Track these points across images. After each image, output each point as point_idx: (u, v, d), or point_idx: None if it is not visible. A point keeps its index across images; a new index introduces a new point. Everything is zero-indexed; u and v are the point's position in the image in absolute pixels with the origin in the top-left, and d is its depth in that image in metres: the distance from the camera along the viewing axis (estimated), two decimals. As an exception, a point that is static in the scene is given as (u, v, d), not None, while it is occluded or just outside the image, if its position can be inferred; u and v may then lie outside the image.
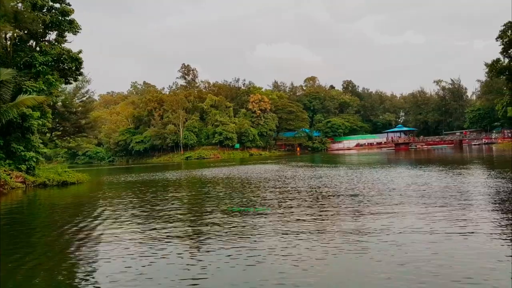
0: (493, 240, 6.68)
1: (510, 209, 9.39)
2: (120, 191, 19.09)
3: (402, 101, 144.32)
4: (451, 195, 11.79)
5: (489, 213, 8.91)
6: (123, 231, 8.98)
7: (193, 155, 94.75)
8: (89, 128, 49.21)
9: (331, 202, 11.74)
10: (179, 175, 29.49)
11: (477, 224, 7.82)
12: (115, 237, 8.43)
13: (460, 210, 9.32)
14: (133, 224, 9.92)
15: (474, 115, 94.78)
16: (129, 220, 10.49)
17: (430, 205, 10.15)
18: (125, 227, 9.47)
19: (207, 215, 10.62)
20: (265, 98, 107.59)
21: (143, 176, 30.91)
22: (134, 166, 67.98)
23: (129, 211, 12.19)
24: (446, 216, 8.69)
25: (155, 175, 30.56)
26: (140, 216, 11.10)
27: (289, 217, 9.64)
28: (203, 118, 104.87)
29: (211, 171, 31.27)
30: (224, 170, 31.77)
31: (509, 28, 49.72)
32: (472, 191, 12.45)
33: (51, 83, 20.80)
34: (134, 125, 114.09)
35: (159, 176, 28.45)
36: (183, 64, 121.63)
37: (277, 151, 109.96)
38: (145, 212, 11.75)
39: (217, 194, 15.27)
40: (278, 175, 22.83)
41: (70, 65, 22.30)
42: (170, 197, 15.17)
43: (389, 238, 7.05)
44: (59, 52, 21.81)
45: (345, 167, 26.85)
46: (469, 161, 30.27)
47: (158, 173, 33.51)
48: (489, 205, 9.91)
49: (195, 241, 7.77)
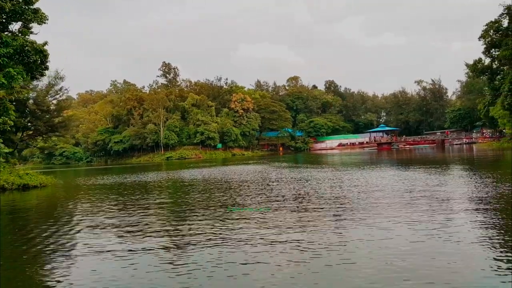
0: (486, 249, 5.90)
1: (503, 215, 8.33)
2: (88, 196, 17.45)
3: (383, 101, 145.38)
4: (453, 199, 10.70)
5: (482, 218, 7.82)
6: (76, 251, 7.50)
7: (174, 155, 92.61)
8: (62, 127, 47.03)
9: (325, 213, 10.45)
10: (155, 177, 27.83)
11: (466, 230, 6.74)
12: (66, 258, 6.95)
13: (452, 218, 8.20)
14: (89, 242, 8.42)
15: (455, 115, 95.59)
16: (85, 239, 8.98)
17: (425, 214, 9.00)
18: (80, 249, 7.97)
19: (180, 225, 9.23)
20: (248, 98, 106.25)
21: (117, 178, 29.19)
22: (113, 167, 65.64)
23: (89, 224, 10.65)
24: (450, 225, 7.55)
25: (130, 177, 28.88)
26: (102, 228, 9.60)
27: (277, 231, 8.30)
28: (184, 118, 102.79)
29: (190, 173, 29.67)
30: (204, 172, 30.19)
31: (491, 28, 49.65)
32: (466, 196, 11.39)
33: (12, 77, 18.95)
34: (113, 124, 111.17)
35: (133, 179, 26.77)
36: (163, 63, 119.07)
37: (260, 151, 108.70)
38: (110, 223, 10.24)
39: (191, 201, 13.83)
40: (261, 177, 21.47)
41: (34, 57, 20.43)
42: (138, 205, 13.67)
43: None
44: (22, 43, 19.97)
45: (332, 169, 25.67)
46: (455, 161, 29.60)
47: (134, 175, 31.81)
48: (480, 210, 8.83)
49: (173, 252, 6.68)
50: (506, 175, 16.54)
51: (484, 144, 56.36)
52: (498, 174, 16.84)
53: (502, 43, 46.52)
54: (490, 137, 68.23)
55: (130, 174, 34.48)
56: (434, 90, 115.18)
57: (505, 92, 44.73)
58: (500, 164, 25.40)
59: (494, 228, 7.33)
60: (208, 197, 14.25)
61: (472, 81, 79.67)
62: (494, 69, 52.94)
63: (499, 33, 49.09)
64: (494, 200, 10.30)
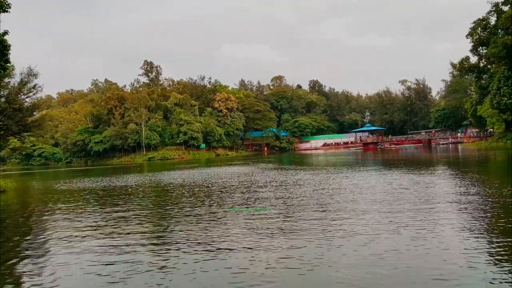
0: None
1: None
2: (46, 209, 15.47)
3: (367, 101, 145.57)
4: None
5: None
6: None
7: (156, 156, 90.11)
8: (36, 126, 44.39)
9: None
10: (132, 180, 25.75)
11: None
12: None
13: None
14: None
15: (440, 114, 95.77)
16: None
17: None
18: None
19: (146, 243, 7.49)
20: (232, 97, 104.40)
21: (90, 182, 27.14)
22: (93, 168, 62.87)
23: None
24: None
25: (105, 181, 26.84)
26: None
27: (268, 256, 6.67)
28: (167, 117, 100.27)
29: (170, 176, 27.54)
30: (186, 174, 28.15)
31: (479, 25, 49.16)
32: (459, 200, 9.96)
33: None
34: (93, 124, 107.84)
35: (107, 183, 24.73)
36: (145, 61, 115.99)
37: (244, 151, 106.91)
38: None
39: (163, 213, 12.07)
40: (247, 181, 19.70)
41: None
42: (105, 225, 11.83)
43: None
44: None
45: (324, 171, 23.89)
46: (449, 163, 28.50)
47: (110, 178, 29.73)
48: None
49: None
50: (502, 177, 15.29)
51: (473, 143, 55.72)
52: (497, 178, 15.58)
53: (490, 41, 45.97)
54: (476, 137, 67.99)
55: (106, 176, 32.35)
56: (418, 89, 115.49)
57: (493, 91, 44.13)
58: (500, 166, 24.35)
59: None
60: (182, 210, 12.49)
61: (458, 79, 79.69)
62: (481, 67, 52.56)
63: (487, 31, 48.65)
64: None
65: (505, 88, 42.68)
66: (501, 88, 43.19)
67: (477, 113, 51.18)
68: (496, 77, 44.22)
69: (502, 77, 43.19)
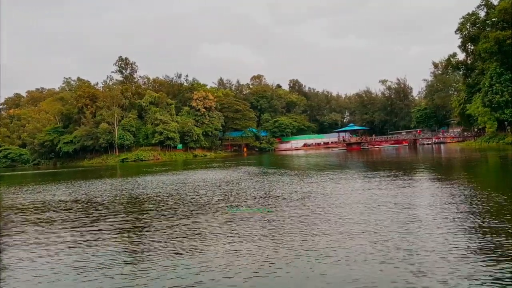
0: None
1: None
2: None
3: (347, 101, 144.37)
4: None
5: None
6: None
7: (130, 157, 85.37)
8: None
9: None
10: (91, 190, 22.05)
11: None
12: None
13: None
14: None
15: (421, 114, 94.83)
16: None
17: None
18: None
19: None
20: (210, 96, 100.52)
21: (42, 192, 23.30)
22: (61, 170, 57.75)
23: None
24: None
25: (63, 189, 23.05)
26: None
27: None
28: (141, 116, 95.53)
29: (138, 183, 23.49)
30: (156, 182, 22.78)
31: (468, 20, 47.24)
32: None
33: None
34: (62, 123, 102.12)
35: (62, 194, 21.03)
36: (120, 57, 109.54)
37: (223, 152, 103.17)
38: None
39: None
40: (227, 192, 16.22)
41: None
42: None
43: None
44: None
45: (325, 177, 20.20)
46: (447, 167, 25.92)
47: (71, 185, 25.92)
48: None
49: None
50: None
51: (461, 143, 53.50)
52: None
53: (480, 36, 44.03)
54: (460, 136, 66.54)
55: (69, 181, 28.38)
56: (399, 89, 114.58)
57: (485, 88, 42.11)
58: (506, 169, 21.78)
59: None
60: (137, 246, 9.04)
61: (442, 78, 78.53)
62: (469, 64, 50.73)
63: (476, 26, 46.76)
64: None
65: (498, 85, 40.76)
66: (493, 85, 41.25)
67: (465, 111, 49.17)
68: (487, 74, 42.25)
69: (494, 74, 41.25)
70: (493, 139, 43.54)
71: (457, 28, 47.57)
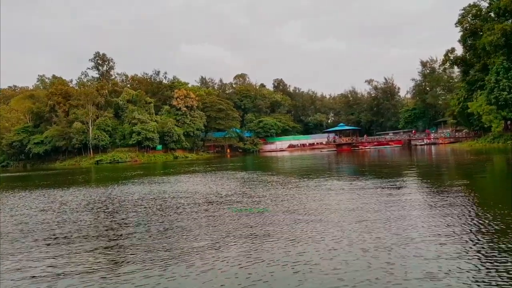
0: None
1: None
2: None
3: (332, 101, 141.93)
4: None
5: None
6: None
7: (105, 159, 79.72)
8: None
9: None
10: (56, 202, 17.41)
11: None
12: None
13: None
14: None
15: (409, 114, 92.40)
16: None
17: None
18: None
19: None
20: (192, 94, 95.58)
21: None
22: (30, 173, 51.87)
23: None
24: None
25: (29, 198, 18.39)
26: None
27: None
28: (118, 116, 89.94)
29: (103, 194, 19.19)
30: (114, 191, 17.85)
31: (469, 12, 44.17)
32: None
33: None
34: (33, 123, 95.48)
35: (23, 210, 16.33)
36: (97, 53, 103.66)
37: (206, 153, 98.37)
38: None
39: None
40: (212, 218, 11.98)
41: None
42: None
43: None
44: None
45: (311, 185, 16.60)
46: (465, 174, 22.30)
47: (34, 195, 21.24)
48: None
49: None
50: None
51: (463, 144, 49.91)
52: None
53: (484, 28, 40.91)
54: (452, 137, 63.81)
55: (35, 189, 23.61)
56: (386, 89, 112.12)
57: (491, 85, 38.94)
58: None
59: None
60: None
61: (434, 76, 75.96)
62: (468, 60, 47.75)
63: (478, 19, 43.72)
64: None
65: (505, 81, 37.68)
66: (500, 82, 38.15)
67: (465, 110, 46.06)
68: (493, 69, 39.12)
69: (501, 69, 38.18)
70: (498, 140, 40.47)
71: (457, 21, 44.41)
